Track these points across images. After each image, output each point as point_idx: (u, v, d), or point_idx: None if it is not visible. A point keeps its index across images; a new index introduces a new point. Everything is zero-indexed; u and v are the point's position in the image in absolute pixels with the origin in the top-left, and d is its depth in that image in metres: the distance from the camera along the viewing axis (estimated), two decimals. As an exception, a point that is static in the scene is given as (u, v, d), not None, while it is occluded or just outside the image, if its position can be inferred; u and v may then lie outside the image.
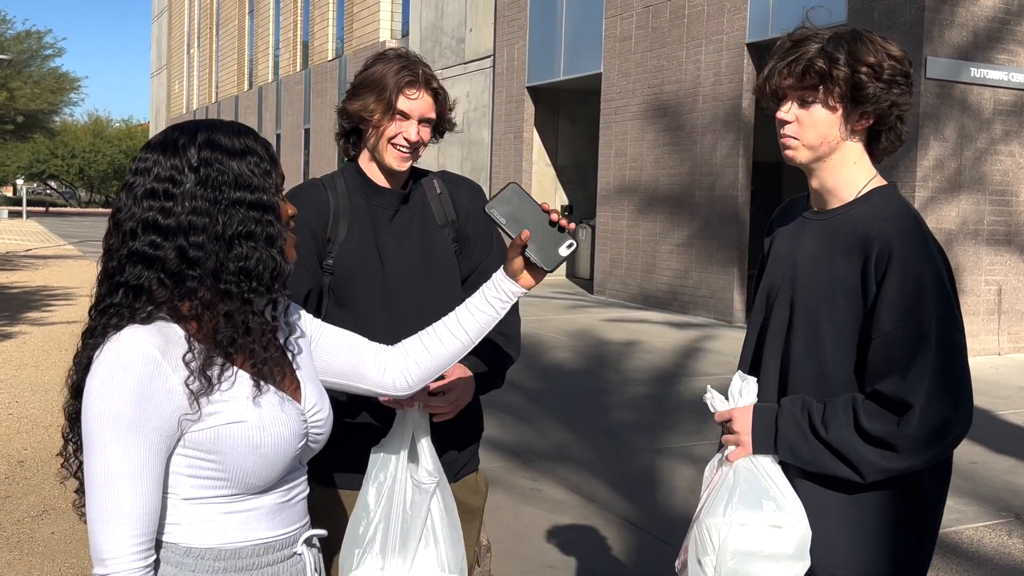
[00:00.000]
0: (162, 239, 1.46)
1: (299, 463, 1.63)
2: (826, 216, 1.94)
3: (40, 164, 63.63)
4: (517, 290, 1.81)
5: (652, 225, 14.30)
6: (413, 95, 2.25)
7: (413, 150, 2.27)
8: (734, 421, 1.88)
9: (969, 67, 10.25)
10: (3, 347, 9.78)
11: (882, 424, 1.77)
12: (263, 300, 1.52)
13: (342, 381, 1.82)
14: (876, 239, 1.81)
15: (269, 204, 1.53)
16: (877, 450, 1.77)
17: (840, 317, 1.84)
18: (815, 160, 1.90)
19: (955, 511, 5.20)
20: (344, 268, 2.28)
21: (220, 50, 40.79)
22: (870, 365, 1.80)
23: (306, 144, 29.30)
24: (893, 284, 1.77)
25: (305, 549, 1.64)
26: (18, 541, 4.45)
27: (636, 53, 14.67)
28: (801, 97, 1.86)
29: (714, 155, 13.02)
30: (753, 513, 1.81)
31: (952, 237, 10.35)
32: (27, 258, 22.65)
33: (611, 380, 8.68)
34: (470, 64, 19.87)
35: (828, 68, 1.82)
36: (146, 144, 1.55)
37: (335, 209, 2.30)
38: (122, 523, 1.41)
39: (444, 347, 1.83)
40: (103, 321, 1.48)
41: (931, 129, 10.13)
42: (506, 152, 18.35)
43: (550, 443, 6.43)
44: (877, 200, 1.90)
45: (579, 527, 4.79)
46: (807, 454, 1.82)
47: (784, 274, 1.98)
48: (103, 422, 1.41)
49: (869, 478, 1.80)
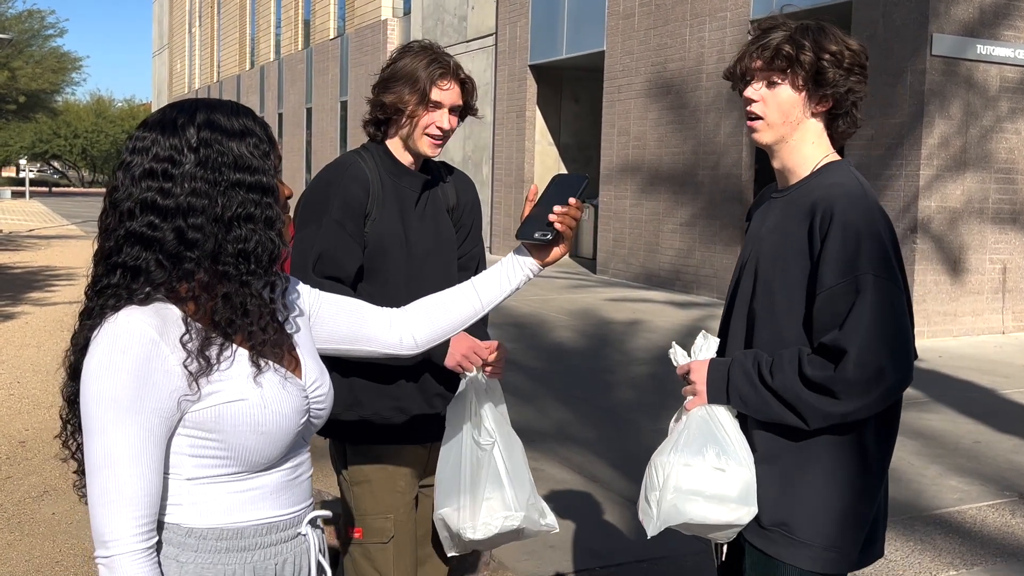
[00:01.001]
0: (160, 220, 1.45)
1: (302, 440, 1.62)
2: (787, 192, 2.11)
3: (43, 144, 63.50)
4: (533, 264, 1.85)
5: (655, 204, 14.25)
6: (445, 86, 2.45)
7: (445, 137, 2.48)
8: (692, 372, 2.06)
9: (975, 44, 10.16)
10: (5, 327, 9.79)
11: (821, 371, 1.89)
12: (261, 282, 1.52)
13: (348, 346, 1.81)
14: (821, 202, 1.96)
15: (268, 186, 1.52)
16: (818, 396, 1.90)
17: (790, 278, 1.99)
18: (778, 141, 2.08)
19: (958, 490, 5.18)
20: (375, 244, 2.43)
21: (221, 29, 40.61)
22: (815, 320, 1.94)
23: (308, 123, 29.20)
24: (833, 242, 1.91)
25: (310, 530, 1.63)
26: (19, 522, 4.45)
27: (639, 31, 14.56)
28: (768, 78, 2.04)
29: (718, 134, 12.95)
30: (697, 457, 1.96)
31: (957, 215, 10.30)
32: (30, 238, 22.65)
33: (613, 360, 8.67)
34: (472, 42, 19.75)
35: (795, 53, 2.00)
36: (143, 122, 1.53)
37: (374, 187, 2.46)
38: (123, 505, 1.41)
39: (459, 310, 1.85)
40: (100, 302, 1.47)
41: (936, 107, 10.05)
42: (508, 131, 18.27)
43: (552, 423, 6.42)
44: (826, 173, 2.06)
45: (581, 507, 4.78)
46: (755, 402, 1.97)
47: (751, 249, 2.13)
48: (102, 404, 1.40)
49: (813, 424, 1.92)
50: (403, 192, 2.51)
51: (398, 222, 2.47)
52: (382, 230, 2.45)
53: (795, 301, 1.98)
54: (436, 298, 1.87)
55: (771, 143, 2.08)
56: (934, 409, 7.06)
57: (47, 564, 3.99)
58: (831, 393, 1.88)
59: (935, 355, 9.22)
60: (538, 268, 1.86)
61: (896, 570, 4.13)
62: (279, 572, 1.58)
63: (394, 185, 2.50)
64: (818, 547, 1.96)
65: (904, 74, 10.13)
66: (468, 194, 2.70)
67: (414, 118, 2.45)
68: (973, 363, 8.94)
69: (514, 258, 1.86)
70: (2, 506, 4.65)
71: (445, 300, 1.86)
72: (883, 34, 10.37)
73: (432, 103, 2.44)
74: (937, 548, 4.38)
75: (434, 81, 2.43)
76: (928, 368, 8.56)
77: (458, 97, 2.49)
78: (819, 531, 1.96)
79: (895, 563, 4.20)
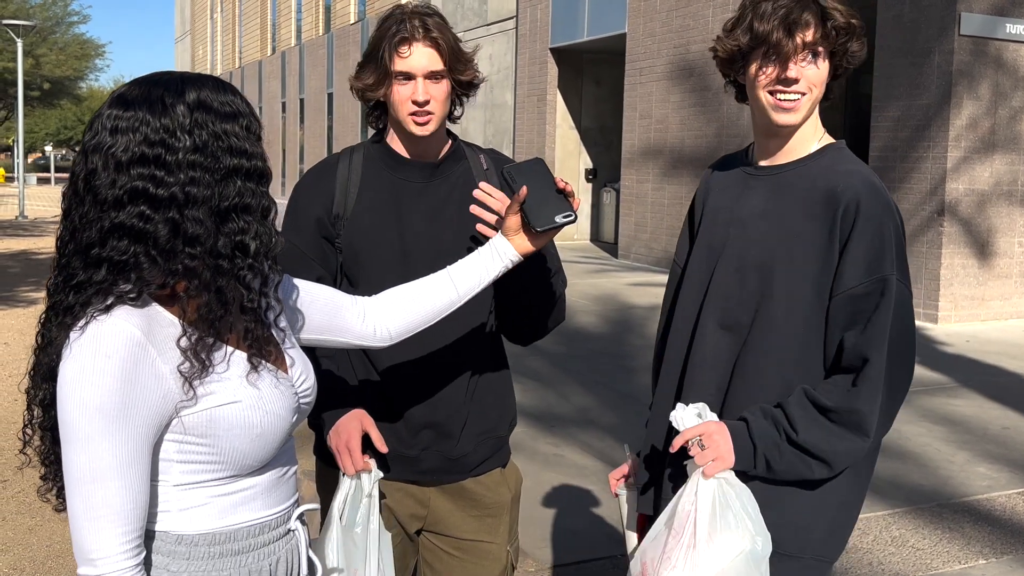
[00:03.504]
0: (152, 211, 1.32)
1: (289, 436, 1.56)
2: (776, 171, 1.92)
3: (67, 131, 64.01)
4: (512, 254, 1.79)
5: (677, 188, 14.13)
6: (406, 52, 2.04)
7: (429, 111, 2.07)
8: (710, 436, 1.78)
9: (1004, 23, 9.97)
10: (29, 312, 9.86)
11: (838, 392, 1.78)
12: (255, 276, 1.42)
13: (320, 336, 1.72)
14: (843, 194, 1.81)
15: (264, 172, 1.42)
16: (846, 435, 1.78)
17: (796, 272, 1.83)
18: (805, 118, 1.88)
19: (987, 478, 5.10)
20: (352, 244, 2.13)
21: (243, 15, 40.63)
22: (832, 318, 1.82)
23: (329, 108, 29.20)
24: (861, 240, 1.79)
25: (298, 525, 1.57)
26: (40, 507, 4.46)
27: (662, 12, 14.41)
28: (814, 51, 1.82)
29: (741, 116, 12.80)
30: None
31: (985, 198, 10.13)
32: (54, 224, 22.79)
33: (635, 345, 8.60)
34: (492, 26, 19.63)
35: (830, 25, 1.81)
36: (118, 98, 1.37)
37: (343, 182, 2.16)
38: (111, 520, 1.31)
39: (434, 301, 1.78)
40: (81, 299, 1.34)
41: (964, 88, 9.88)
42: (529, 115, 18.17)
43: (573, 408, 6.38)
44: (834, 155, 1.90)
45: (601, 493, 4.74)
46: (781, 465, 1.82)
47: (729, 231, 1.94)
48: (86, 413, 1.29)
49: (838, 469, 1.82)
50: (400, 186, 2.16)
51: (389, 220, 2.14)
52: (357, 230, 2.13)
53: (797, 298, 1.83)
54: (410, 288, 1.79)
55: (801, 122, 1.87)
56: (962, 395, 6.96)
57: (67, 550, 4.00)
58: (857, 421, 1.77)
59: (962, 340, 9.09)
60: (518, 258, 1.80)
61: (924, 558, 4.06)
62: (273, 571, 1.51)
63: (390, 180, 2.16)
64: (807, 558, 1.88)
65: (931, 54, 9.96)
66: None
67: (389, 100, 2.09)
68: (1001, 347, 8.80)
69: (494, 246, 1.80)
70: (24, 491, 4.67)
71: (419, 290, 1.79)
72: (910, 13, 10.19)
73: (398, 75, 2.05)
74: (966, 536, 4.31)
75: (394, 50, 2.03)
76: (956, 353, 8.44)
77: (433, 61, 2.04)
78: (808, 543, 1.86)
79: (923, 551, 4.13)
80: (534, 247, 1.81)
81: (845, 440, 1.78)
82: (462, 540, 2.22)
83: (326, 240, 2.14)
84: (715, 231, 1.98)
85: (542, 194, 1.77)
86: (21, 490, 4.68)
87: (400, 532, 2.21)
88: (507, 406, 2.29)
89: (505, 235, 1.80)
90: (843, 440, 1.78)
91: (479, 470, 2.23)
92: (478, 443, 2.21)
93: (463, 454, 2.19)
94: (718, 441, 1.78)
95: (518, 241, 1.79)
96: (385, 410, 2.15)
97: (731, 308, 1.90)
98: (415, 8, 2.12)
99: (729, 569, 1.70)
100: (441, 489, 2.21)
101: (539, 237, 1.80)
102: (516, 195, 1.77)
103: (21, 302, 10.57)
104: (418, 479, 2.19)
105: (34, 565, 3.87)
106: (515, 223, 1.79)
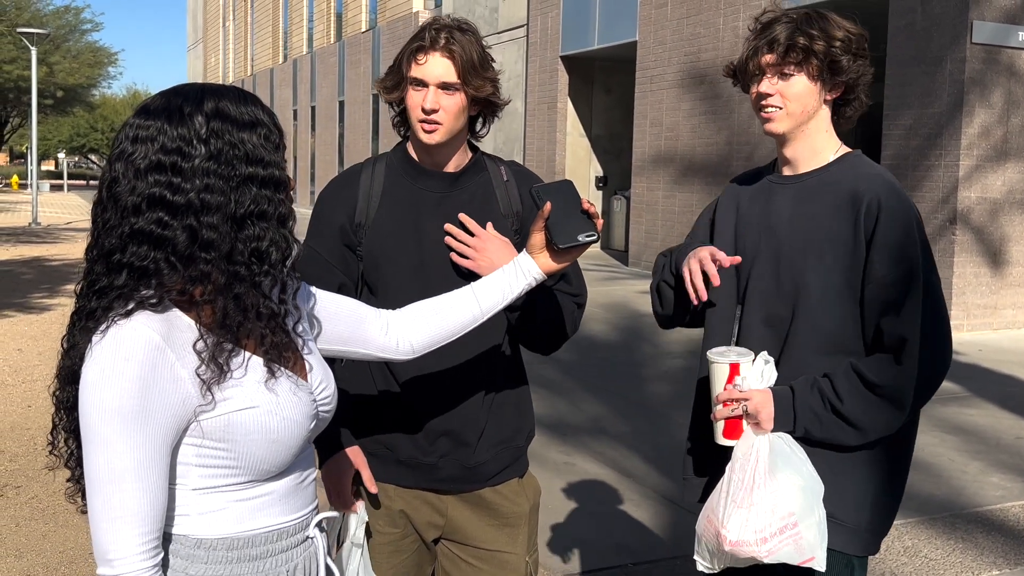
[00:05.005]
0: (171, 217, 1.36)
1: (308, 442, 1.57)
2: (800, 179, 2.11)
3: (80, 138, 64.34)
4: (536, 272, 1.80)
5: (688, 196, 14.12)
6: (422, 59, 2.08)
7: (436, 121, 2.08)
8: (754, 402, 1.99)
9: (1017, 31, 9.94)
10: (42, 319, 9.90)
11: (887, 369, 1.94)
12: (273, 283, 1.44)
13: (343, 348, 1.74)
14: (865, 194, 1.99)
15: (281, 180, 1.44)
16: (888, 409, 1.95)
17: (828, 269, 2.00)
18: (793, 129, 2.08)
19: (1000, 487, 5.07)
20: (372, 252, 2.16)
21: (255, 23, 40.82)
22: (867, 308, 1.99)
23: (340, 116, 29.29)
24: (885, 231, 1.96)
25: (317, 532, 1.58)
26: (54, 513, 4.48)
27: (672, 20, 14.42)
28: (781, 71, 2.04)
29: (752, 124, 12.79)
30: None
31: (998, 206, 10.10)
32: (67, 231, 22.93)
33: (647, 353, 8.59)
34: (503, 34, 19.67)
35: (809, 43, 2.01)
36: (142, 108, 1.42)
37: (365, 191, 2.19)
38: (128, 521, 1.33)
39: (457, 317, 1.79)
40: (103, 304, 1.38)
41: (976, 96, 9.85)
42: (540, 123, 18.19)
43: (584, 416, 6.37)
44: (853, 161, 2.10)
45: (613, 502, 4.74)
46: (819, 433, 2.00)
47: (760, 236, 2.12)
48: (105, 415, 1.32)
49: (873, 437, 1.99)
50: (420, 195, 2.18)
51: (408, 229, 2.16)
52: (378, 238, 2.15)
53: (831, 293, 2.00)
54: (434, 302, 1.81)
55: (786, 132, 2.08)
56: (974, 404, 6.93)
57: (80, 556, 4.01)
58: (899, 397, 1.94)
59: (975, 349, 9.05)
60: (542, 276, 1.81)
61: (938, 569, 4.04)
62: None
63: (410, 189, 2.19)
64: (862, 531, 2.03)
65: (943, 62, 9.94)
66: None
67: (401, 106, 2.15)
68: (1014, 356, 8.76)
69: (519, 264, 1.80)
70: (37, 497, 4.69)
71: (442, 305, 1.80)
72: (922, 22, 10.18)
73: (412, 82, 2.09)
74: (979, 547, 4.29)
75: (412, 57, 2.09)
76: (968, 362, 8.41)
77: (446, 71, 2.06)
78: (862, 516, 2.03)
79: (936, 562, 4.11)
80: (558, 266, 1.81)
81: (883, 412, 1.96)
82: (481, 549, 2.22)
83: (348, 248, 2.17)
84: (747, 237, 2.16)
85: (567, 213, 1.78)
86: (35, 496, 4.71)
87: (417, 539, 2.22)
88: (525, 417, 2.29)
89: (530, 253, 1.81)
90: (882, 412, 1.96)
91: (496, 480, 2.23)
92: (496, 453, 2.21)
93: (480, 462, 2.19)
94: (759, 408, 1.98)
95: (542, 259, 1.80)
96: (403, 417, 2.16)
97: (771, 306, 2.08)
98: (450, 20, 2.15)
99: (790, 501, 1.89)
100: (459, 498, 2.21)
101: (562, 255, 1.81)
102: (540, 211, 1.79)
103: (34, 309, 10.62)
104: (436, 487, 2.19)
105: (47, 571, 3.88)
106: (539, 241, 1.80)
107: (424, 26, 2.14)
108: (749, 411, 1.99)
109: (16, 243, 19.16)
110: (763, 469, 1.93)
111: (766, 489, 1.91)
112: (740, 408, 1.99)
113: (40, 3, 31.87)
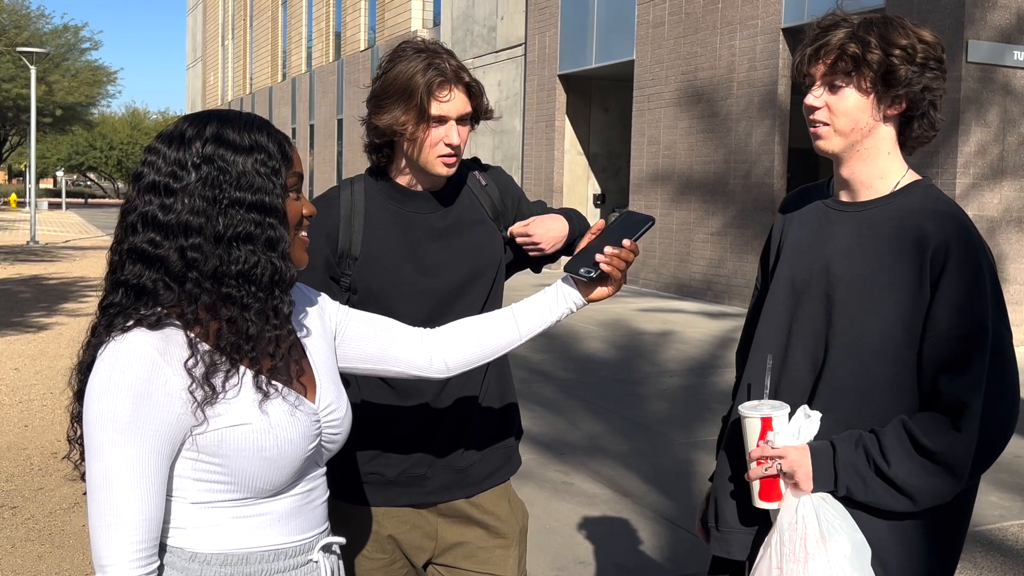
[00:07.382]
0: (162, 237, 1.41)
1: (316, 464, 1.57)
2: (860, 208, 1.88)
3: (79, 156, 64.40)
4: (577, 298, 1.77)
5: (686, 214, 14.15)
6: (446, 96, 2.04)
7: (458, 153, 2.11)
8: (790, 460, 1.80)
9: (1012, 50, 10.00)
10: (40, 338, 9.89)
11: (942, 434, 1.74)
12: (263, 305, 1.46)
13: (377, 366, 1.75)
14: (932, 236, 1.77)
15: (271, 206, 1.45)
16: (942, 477, 1.75)
17: (889, 314, 1.80)
18: (847, 148, 1.85)
19: (999, 507, 5.06)
20: (368, 286, 2.11)
21: (254, 41, 40.99)
22: (926, 362, 1.78)
23: (339, 135, 29.36)
24: (951, 283, 1.75)
25: (322, 556, 1.57)
26: (50, 534, 4.46)
27: (669, 39, 14.49)
28: (831, 82, 1.83)
29: (749, 142, 12.84)
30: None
31: (994, 225, 10.12)
32: (66, 249, 22.93)
33: (645, 371, 8.59)
34: (501, 53, 19.76)
35: (861, 52, 1.78)
36: (159, 134, 1.50)
37: (346, 215, 2.13)
38: (121, 528, 1.37)
39: (495, 338, 1.78)
40: (104, 320, 1.44)
41: (973, 114, 9.90)
42: (538, 141, 18.25)
43: (582, 435, 6.36)
44: (921, 193, 1.85)
45: (612, 522, 4.72)
46: (864, 496, 1.80)
47: (813, 267, 1.91)
48: (101, 425, 1.37)
49: (923, 507, 1.78)
50: (412, 219, 2.14)
51: (405, 257, 2.12)
52: (371, 271, 2.11)
53: (891, 342, 1.79)
54: (472, 322, 1.80)
55: (839, 151, 1.86)
56: (973, 422, 6.91)
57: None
58: (955, 465, 1.73)
59: (973, 366, 9.03)
60: (582, 303, 1.78)
61: (936, 589, 4.03)
62: None
63: (398, 213, 2.14)
64: None
65: (939, 81, 9.98)
66: (510, 186, 2.34)
67: (415, 140, 2.07)
68: (1012, 375, 8.75)
69: (559, 289, 1.79)
70: (33, 517, 4.67)
71: (481, 325, 1.79)
72: (918, 41, 10.23)
73: (434, 119, 2.04)
74: (978, 566, 4.27)
75: (432, 93, 2.02)
76: (966, 380, 8.39)
77: (464, 104, 2.07)
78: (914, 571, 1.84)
79: (935, 582, 4.09)
80: (595, 296, 1.77)
81: (936, 480, 1.75)
82: (472, 572, 2.21)
83: (332, 280, 2.13)
84: (798, 267, 1.94)
85: (598, 244, 1.75)
86: (31, 516, 4.69)
87: (406, 564, 2.21)
88: (511, 413, 2.30)
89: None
90: (934, 479, 1.75)
91: (488, 483, 2.23)
92: (484, 454, 2.21)
93: (470, 463, 2.19)
94: (796, 467, 1.79)
95: (584, 288, 1.77)
96: (388, 431, 2.15)
97: (820, 347, 1.88)
98: (437, 46, 2.11)
99: (846, 572, 1.73)
100: (449, 520, 2.21)
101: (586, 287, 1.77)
102: (590, 230, 1.79)
103: (31, 327, 10.61)
104: (428, 499, 2.18)
105: (43, 593, 3.86)
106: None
107: (425, 55, 2.06)
108: (784, 470, 1.80)
109: (14, 261, 19.15)
110: (814, 538, 1.77)
111: (823, 560, 1.75)
112: (775, 467, 1.81)
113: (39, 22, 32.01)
